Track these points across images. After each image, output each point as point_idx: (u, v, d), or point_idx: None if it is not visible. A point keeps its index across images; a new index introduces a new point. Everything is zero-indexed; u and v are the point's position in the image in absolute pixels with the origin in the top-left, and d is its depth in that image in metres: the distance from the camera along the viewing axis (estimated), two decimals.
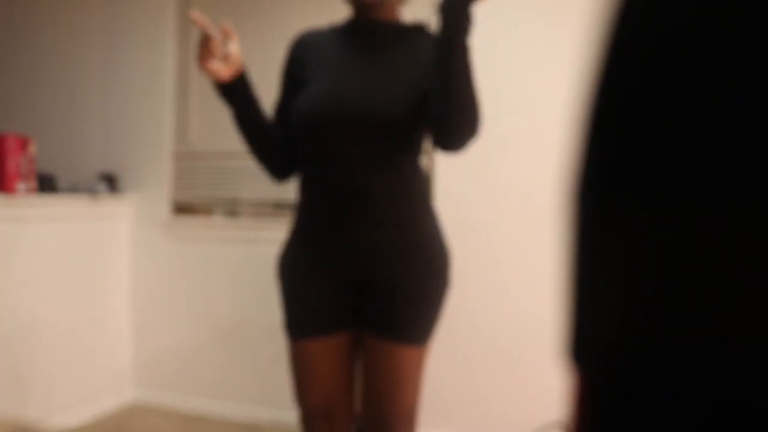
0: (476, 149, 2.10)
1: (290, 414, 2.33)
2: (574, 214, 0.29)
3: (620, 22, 0.27)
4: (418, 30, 1.26)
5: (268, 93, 2.42)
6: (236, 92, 1.20)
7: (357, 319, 1.25)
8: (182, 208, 2.57)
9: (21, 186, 2.08)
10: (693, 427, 0.24)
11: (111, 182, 2.53)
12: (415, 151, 1.22)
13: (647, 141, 0.25)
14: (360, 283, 1.21)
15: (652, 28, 0.26)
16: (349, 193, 1.15)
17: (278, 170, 1.31)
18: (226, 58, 1.16)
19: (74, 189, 2.41)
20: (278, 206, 2.41)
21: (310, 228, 1.22)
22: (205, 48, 1.14)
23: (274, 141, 1.27)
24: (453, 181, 2.12)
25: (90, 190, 2.41)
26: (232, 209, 2.51)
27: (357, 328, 1.27)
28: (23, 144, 2.10)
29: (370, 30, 1.23)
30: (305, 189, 1.24)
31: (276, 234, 2.34)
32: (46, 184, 2.28)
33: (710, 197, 0.23)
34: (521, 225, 2.08)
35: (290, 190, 2.36)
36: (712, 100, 0.23)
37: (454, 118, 1.08)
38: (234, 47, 1.17)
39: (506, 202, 2.09)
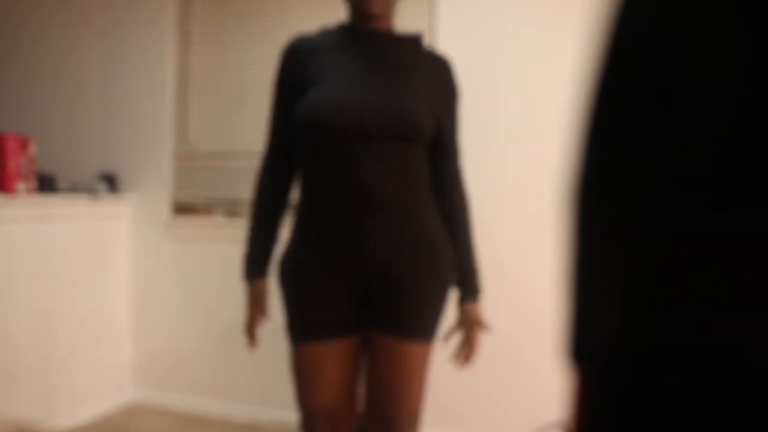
0: (477, 148, 2.10)
1: (290, 414, 2.33)
2: (574, 215, 0.29)
3: (620, 23, 0.27)
4: (414, 41, 1.28)
5: (268, 92, 2.42)
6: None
7: (364, 319, 1.24)
8: (182, 208, 2.57)
9: (21, 186, 2.08)
10: (692, 427, 0.24)
11: (111, 182, 2.53)
12: (424, 153, 1.24)
13: (647, 142, 0.25)
14: (368, 283, 1.20)
15: (652, 29, 0.26)
16: (362, 195, 1.14)
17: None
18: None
19: (74, 189, 2.41)
20: None
21: (318, 230, 1.20)
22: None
23: (285, 209, 1.36)
24: None
25: (90, 190, 2.41)
26: (232, 209, 2.51)
27: (364, 329, 1.25)
28: (23, 144, 2.10)
29: (371, 37, 1.23)
30: (312, 191, 1.21)
31: None
32: (46, 184, 2.28)
33: (710, 198, 0.23)
34: (522, 225, 2.08)
35: None
36: (712, 101, 0.23)
37: None
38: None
39: (507, 203, 2.09)
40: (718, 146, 0.23)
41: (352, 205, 1.15)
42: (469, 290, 1.31)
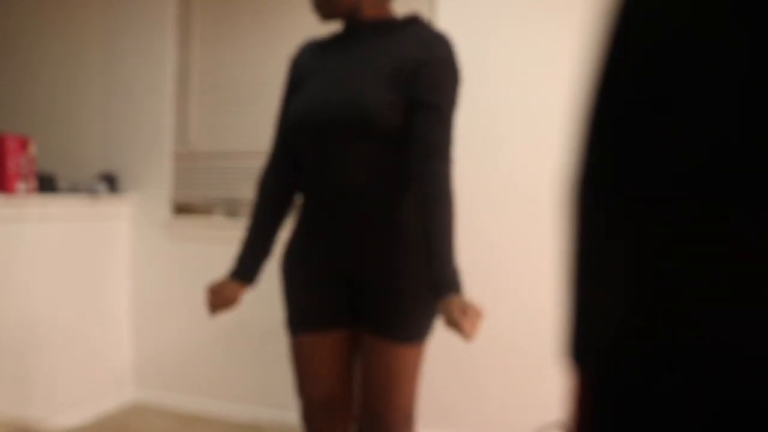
0: (477, 148, 2.10)
1: (290, 414, 2.33)
2: (573, 214, 0.29)
3: (620, 22, 0.27)
4: (408, 23, 1.23)
5: (268, 92, 2.43)
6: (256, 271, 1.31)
7: (355, 319, 1.27)
8: (182, 208, 2.57)
9: (21, 186, 2.08)
10: (692, 427, 0.24)
11: (111, 182, 2.53)
12: (405, 149, 1.18)
13: (646, 141, 0.25)
14: (355, 282, 1.23)
15: (652, 29, 0.26)
16: (340, 194, 1.18)
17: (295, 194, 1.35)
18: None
19: (74, 189, 2.41)
20: None
21: (308, 227, 1.26)
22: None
23: (286, 208, 1.33)
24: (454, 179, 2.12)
25: (90, 190, 2.41)
26: (232, 209, 2.51)
27: (355, 328, 1.29)
28: (23, 144, 2.10)
29: (358, 32, 1.23)
30: (304, 191, 1.28)
31: None
32: (46, 184, 2.28)
33: (709, 197, 0.23)
34: (522, 224, 2.08)
35: None
36: (712, 100, 0.23)
37: None
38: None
39: (506, 202, 2.09)
40: (718, 146, 0.23)
41: (328, 204, 1.20)
42: (436, 287, 1.11)
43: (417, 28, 1.21)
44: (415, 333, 1.21)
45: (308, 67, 1.27)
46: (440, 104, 1.14)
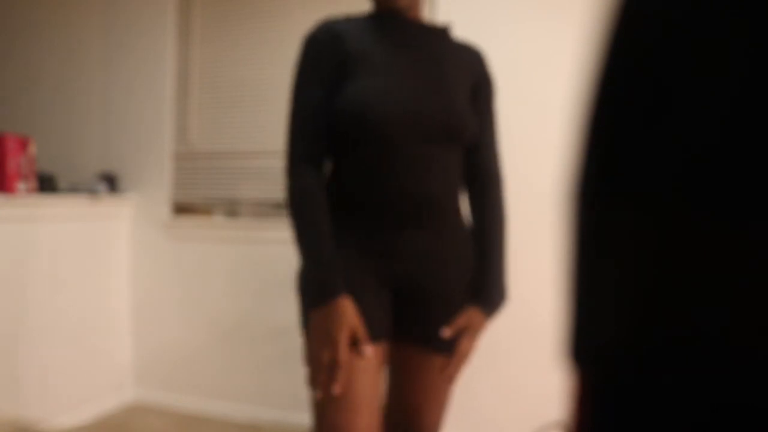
0: None
1: (290, 414, 2.33)
2: (574, 214, 0.29)
3: (620, 22, 0.27)
4: (443, 31, 1.19)
5: (268, 92, 2.43)
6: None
7: (397, 331, 1.17)
8: (182, 208, 2.57)
9: (21, 186, 2.08)
10: (692, 427, 0.24)
11: (111, 182, 2.53)
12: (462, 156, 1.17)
13: (647, 141, 0.25)
14: (402, 291, 1.13)
15: (652, 29, 0.26)
16: (409, 201, 1.06)
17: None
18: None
19: (74, 189, 2.41)
20: (278, 206, 2.42)
21: (354, 232, 1.10)
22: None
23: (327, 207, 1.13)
24: None
25: (90, 190, 2.41)
26: (232, 209, 2.51)
27: (396, 341, 1.18)
28: (23, 144, 2.10)
29: (404, 28, 1.14)
30: (348, 191, 1.10)
31: (276, 234, 2.34)
32: (46, 184, 2.28)
33: (710, 198, 0.23)
34: (523, 224, 2.08)
35: None
36: (712, 101, 0.23)
37: None
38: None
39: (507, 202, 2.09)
40: (717, 147, 0.23)
41: (396, 210, 1.06)
42: (488, 300, 1.15)
43: (457, 39, 1.21)
44: (454, 345, 1.16)
45: (352, 51, 1.09)
46: (495, 123, 1.22)
